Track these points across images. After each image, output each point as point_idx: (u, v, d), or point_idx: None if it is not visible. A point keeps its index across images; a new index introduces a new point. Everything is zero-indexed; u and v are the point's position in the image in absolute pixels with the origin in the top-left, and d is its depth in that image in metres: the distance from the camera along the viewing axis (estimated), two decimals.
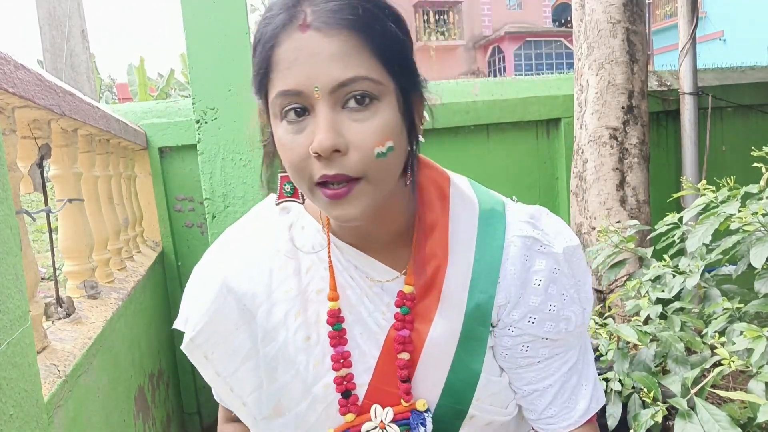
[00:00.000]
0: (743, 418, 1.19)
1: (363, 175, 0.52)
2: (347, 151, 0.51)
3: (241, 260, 0.64)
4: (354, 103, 0.51)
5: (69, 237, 1.46)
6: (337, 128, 0.50)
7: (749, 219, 1.19)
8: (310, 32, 0.50)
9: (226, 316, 0.62)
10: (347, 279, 0.62)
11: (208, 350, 0.63)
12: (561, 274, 0.60)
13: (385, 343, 0.60)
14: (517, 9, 20.43)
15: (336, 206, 0.53)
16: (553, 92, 2.84)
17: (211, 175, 2.32)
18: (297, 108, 0.52)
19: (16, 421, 0.74)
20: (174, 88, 10.02)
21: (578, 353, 0.64)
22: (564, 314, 0.60)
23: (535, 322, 0.60)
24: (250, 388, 0.63)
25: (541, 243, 0.60)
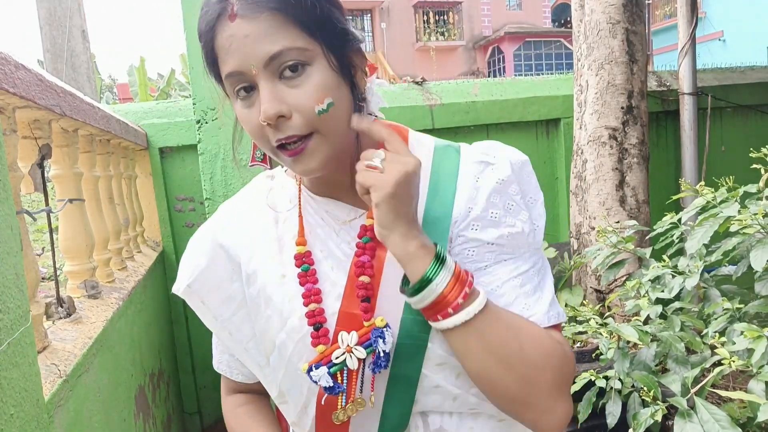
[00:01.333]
0: (743, 417, 1.19)
1: (312, 131, 0.59)
2: (291, 115, 0.58)
3: (228, 218, 0.73)
4: (288, 72, 0.58)
5: (69, 237, 1.47)
6: (279, 97, 0.57)
7: (749, 221, 1.20)
8: (237, 20, 0.57)
9: (218, 266, 0.70)
10: (318, 221, 0.69)
11: (204, 296, 0.70)
12: (505, 184, 0.65)
13: (350, 269, 0.65)
14: (516, 9, 20.44)
15: (297, 162, 0.60)
16: (553, 92, 2.84)
17: (211, 175, 2.33)
18: (245, 86, 0.59)
19: (16, 420, 0.74)
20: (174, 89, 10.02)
21: (530, 264, 0.65)
22: (507, 221, 0.64)
23: (477, 229, 0.64)
24: (248, 333, 0.70)
25: (490, 163, 0.66)
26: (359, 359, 0.62)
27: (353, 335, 0.62)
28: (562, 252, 2.25)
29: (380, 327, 0.62)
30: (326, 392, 0.62)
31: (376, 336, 0.61)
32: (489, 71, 19.62)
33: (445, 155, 0.69)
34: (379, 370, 0.61)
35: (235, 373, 0.77)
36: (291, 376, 0.66)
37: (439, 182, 0.66)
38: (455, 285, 0.57)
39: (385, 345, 0.61)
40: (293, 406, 0.68)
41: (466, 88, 2.81)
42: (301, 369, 0.63)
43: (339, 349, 0.62)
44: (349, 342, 0.62)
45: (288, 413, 0.70)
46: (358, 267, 0.64)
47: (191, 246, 0.73)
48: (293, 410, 0.68)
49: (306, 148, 0.59)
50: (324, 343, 0.64)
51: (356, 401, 0.63)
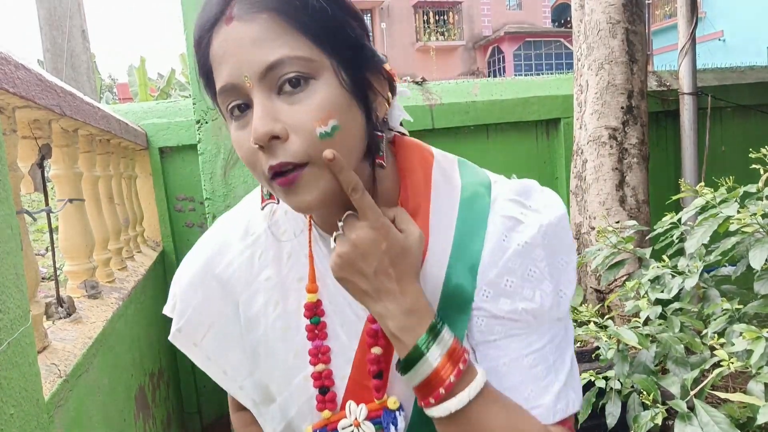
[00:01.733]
0: (743, 419, 1.19)
1: (308, 159, 0.49)
2: (287, 136, 0.48)
3: (224, 247, 0.65)
4: (288, 86, 0.48)
5: (69, 237, 1.47)
6: (273, 114, 0.48)
7: (748, 220, 1.20)
8: (233, 23, 0.49)
9: (211, 303, 0.63)
10: (327, 267, 0.58)
11: (196, 338, 0.64)
12: (529, 248, 0.54)
13: (362, 335, 0.57)
14: (516, 9, 20.44)
15: (289, 194, 0.50)
16: (553, 92, 2.84)
17: (211, 175, 2.33)
18: (239, 103, 0.50)
19: (16, 420, 0.74)
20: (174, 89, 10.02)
21: (547, 338, 0.54)
22: (524, 293, 0.54)
23: (488, 297, 0.54)
24: (244, 372, 0.63)
25: (522, 222, 0.55)
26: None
27: (362, 409, 0.56)
28: None
29: (392, 410, 0.55)
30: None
31: (388, 421, 0.55)
32: (489, 71, 19.62)
33: (473, 206, 0.57)
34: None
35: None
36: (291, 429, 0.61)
37: (464, 240, 0.56)
38: (448, 361, 0.49)
39: (397, 430, 0.55)
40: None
41: (466, 88, 2.81)
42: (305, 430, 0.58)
43: (346, 419, 0.56)
44: (357, 415, 0.56)
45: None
46: (371, 336, 0.56)
47: (182, 278, 0.66)
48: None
49: (300, 176, 0.49)
50: (330, 409, 0.57)
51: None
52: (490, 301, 0.54)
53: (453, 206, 0.58)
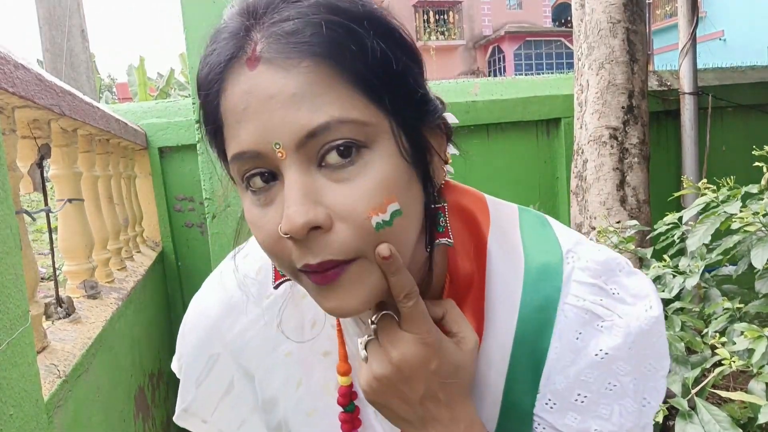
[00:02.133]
0: (743, 418, 1.19)
1: (359, 254, 0.37)
2: (332, 226, 0.37)
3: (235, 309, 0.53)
4: (335, 158, 0.36)
5: (69, 237, 1.46)
6: (314, 196, 0.36)
7: (750, 219, 1.19)
8: (260, 67, 0.36)
9: (221, 373, 0.54)
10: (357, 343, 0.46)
11: (205, 414, 0.56)
12: (612, 360, 0.43)
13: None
14: (517, 9, 20.43)
15: (327, 295, 0.39)
16: (553, 92, 2.84)
17: (211, 175, 2.32)
18: (262, 172, 0.38)
19: (15, 421, 0.74)
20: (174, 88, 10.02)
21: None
22: (600, 411, 0.43)
23: (553, 408, 0.44)
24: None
25: (602, 319, 0.44)
26: None
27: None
28: None
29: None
30: None
31: None
32: (489, 71, 19.62)
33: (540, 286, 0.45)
34: None
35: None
36: None
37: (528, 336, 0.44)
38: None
39: None
40: None
41: (466, 87, 2.80)
42: None
43: None
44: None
45: None
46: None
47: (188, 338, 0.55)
48: None
49: (343, 274, 0.38)
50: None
51: None
52: (554, 414, 0.44)
53: (515, 289, 0.45)
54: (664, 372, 0.46)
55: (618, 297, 0.45)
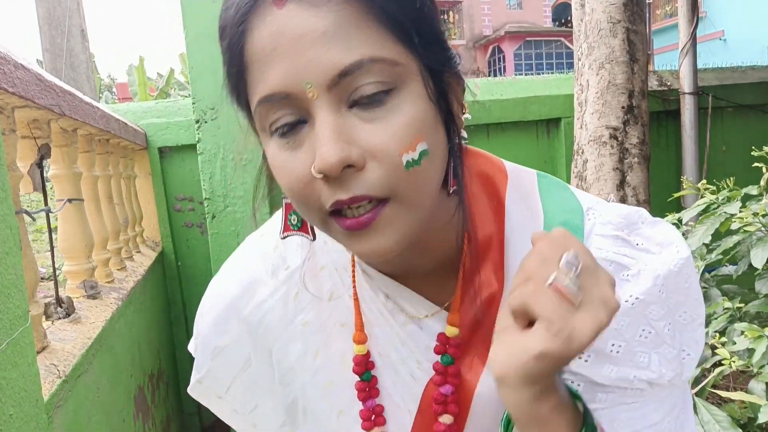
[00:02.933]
0: (743, 418, 1.19)
1: (390, 195, 0.38)
2: (365, 164, 0.37)
3: (252, 284, 0.54)
4: (366, 99, 0.37)
5: (69, 237, 1.46)
6: (347, 135, 0.37)
7: (750, 219, 1.19)
8: (289, 6, 0.36)
9: (238, 350, 0.54)
10: (375, 313, 0.49)
11: (220, 390, 0.55)
12: (643, 304, 0.43)
13: (423, 398, 0.47)
14: (517, 9, 20.44)
15: (359, 240, 0.39)
16: (553, 92, 2.84)
17: (210, 175, 2.32)
18: (289, 119, 0.38)
19: (15, 421, 0.74)
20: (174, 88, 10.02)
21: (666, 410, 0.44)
22: (638, 360, 0.43)
23: (588, 362, 0.43)
24: (276, 423, 0.55)
25: (628, 268, 0.44)
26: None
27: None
28: None
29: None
30: None
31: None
32: (489, 71, 19.62)
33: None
34: None
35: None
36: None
37: None
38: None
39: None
40: None
41: None
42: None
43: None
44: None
45: None
46: (439, 403, 0.46)
47: (205, 317, 0.56)
48: None
49: (377, 218, 0.38)
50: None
51: None
52: (590, 368, 0.43)
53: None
54: (701, 320, 0.45)
55: (642, 248, 0.45)
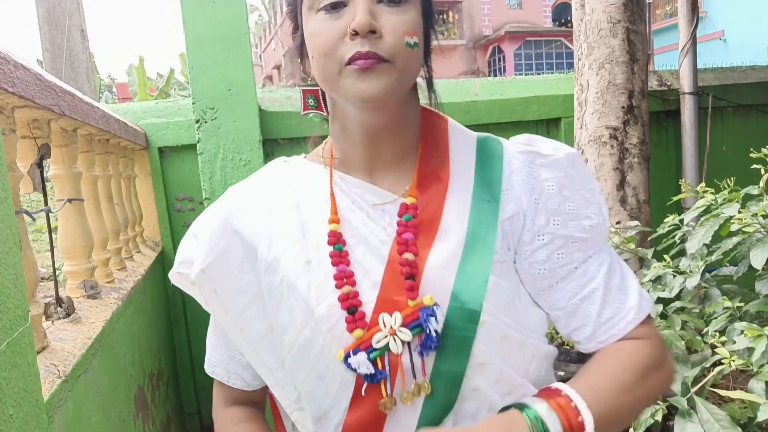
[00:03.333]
0: (743, 417, 1.19)
1: (392, 59, 0.57)
2: (381, 35, 0.56)
3: (241, 202, 0.67)
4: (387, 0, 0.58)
5: (69, 237, 1.46)
6: (375, 15, 0.56)
7: (749, 220, 1.19)
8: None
9: (232, 253, 0.63)
10: (348, 205, 0.64)
11: (217, 285, 0.63)
12: (570, 178, 0.64)
13: (390, 253, 0.61)
14: (517, 9, 20.44)
15: (364, 78, 0.56)
16: (553, 92, 2.84)
17: (210, 175, 2.32)
18: (336, 1, 0.57)
19: (15, 421, 0.74)
20: (174, 88, 10.03)
21: (610, 255, 0.65)
22: (584, 213, 0.63)
23: (559, 224, 0.62)
24: (261, 332, 0.63)
25: (542, 155, 0.64)
26: (404, 342, 0.57)
27: (396, 316, 0.57)
28: None
29: (430, 305, 0.57)
30: (365, 381, 0.58)
31: (427, 314, 0.56)
32: (489, 71, 19.61)
33: (488, 144, 0.67)
34: (428, 352, 0.57)
35: (233, 378, 0.71)
36: (318, 372, 0.60)
37: (485, 169, 0.64)
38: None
39: (437, 324, 0.56)
40: (312, 411, 0.61)
41: (466, 87, 2.80)
42: (337, 356, 0.58)
43: (380, 332, 0.57)
44: (392, 324, 0.57)
45: (304, 422, 0.63)
46: (401, 245, 0.60)
47: (201, 228, 0.66)
48: (310, 417, 0.61)
49: (379, 66, 0.56)
50: (362, 327, 0.58)
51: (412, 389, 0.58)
52: (563, 227, 0.62)
53: (471, 148, 0.67)
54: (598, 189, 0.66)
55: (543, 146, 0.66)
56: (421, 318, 0.57)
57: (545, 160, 0.64)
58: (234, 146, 2.32)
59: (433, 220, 0.62)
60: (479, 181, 0.63)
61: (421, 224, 0.61)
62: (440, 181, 0.64)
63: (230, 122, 2.31)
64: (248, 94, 2.30)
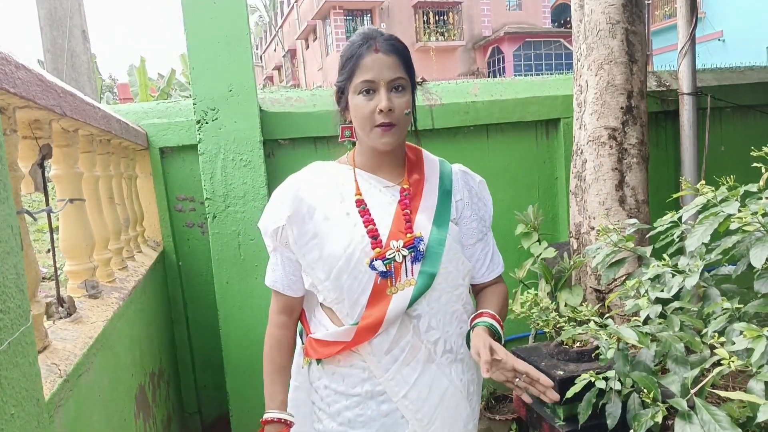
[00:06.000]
0: (743, 418, 1.19)
1: (398, 123, 1.06)
2: (395, 111, 1.05)
3: (304, 182, 1.13)
4: (396, 90, 1.06)
5: (70, 237, 1.47)
6: (391, 100, 1.04)
7: (749, 219, 1.20)
8: (380, 53, 1.05)
9: (301, 210, 1.09)
10: (366, 186, 1.13)
11: (295, 225, 1.09)
12: (479, 192, 1.21)
13: (396, 210, 1.11)
14: (516, 9, 20.44)
15: (386, 135, 1.06)
16: (553, 93, 2.84)
17: (211, 175, 2.33)
18: (370, 89, 1.05)
19: (17, 420, 0.74)
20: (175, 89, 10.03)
21: (492, 239, 1.23)
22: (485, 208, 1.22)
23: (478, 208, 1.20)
24: (315, 257, 1.09)
25: (470, 175, 1.22)
26: (404, 256, 1.07)
27: (400, 242, 1.07)
28: (562, 252, 2.25)
29: (419, 236, 1.08)
30: (380, 277, 1.06)
31: (418, 241, 1.08)
32: (489, 71, 19.61)
33: (444, 164, 1.21)
34: (416, 262, 1.08)
35: (287, 289, 1.14)
36: (354, 273, 1.06)
37: (444, 175, 1.18)
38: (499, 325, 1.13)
39: (423, 245, 1.08)
40: (349, 299, 1.07)
41: (466, 88, 2.81)
42: (365, 263, 1.06)
43: (390, 250, 1.07)
44: (398, 246, 1.07)
45: (342, 308, 1.08)
46: (403, 205, 1.11)
47: (281, 197, 1.12)
48: (348, 303, 1.07)
49: (393, 129, 1.05)
50: (379, 247, 1.07)
51: (404, 282, 1.07)
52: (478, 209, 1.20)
53: (435, 165, 1.20)
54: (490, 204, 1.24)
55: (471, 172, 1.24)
56: (415, 242, 1.08)
57: (471, 177, 1.21)
58: (235, 147, 2.32)
59: (417, 197, 1.13)
60: (441, 181, 1.16)
61: (412, 198, 1.13)
62: (420, 178, 1.15)
63: (231, 123, 2.31)
64: (249, 95, 2.30)
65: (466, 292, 1.17)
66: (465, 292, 1.17)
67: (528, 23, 19.84)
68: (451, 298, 1.12)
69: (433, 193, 1.14)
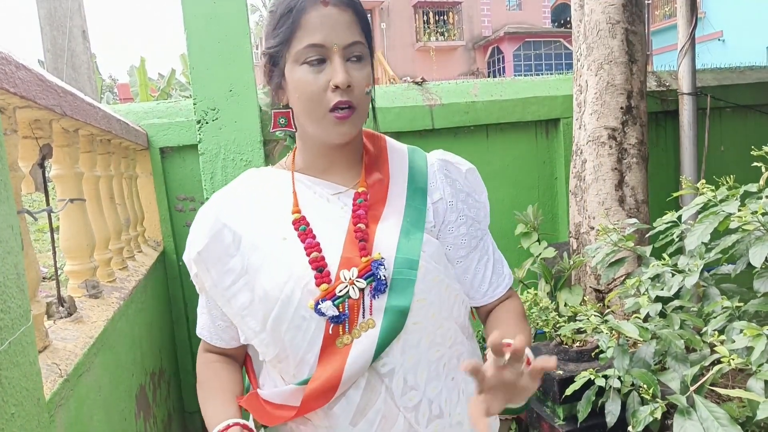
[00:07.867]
0: (742, 416, 1.20)
1: (357, 106, 0.76)
2: (353, 88, 0.75)
3: (226, 200, 0.85)
4: (354, 59, 0.76)
5: (70, 236, 1.47)
6: (349, 73, 0.75)
7: (748, 218, 1.20)
8: (330, 7, 0.74)
9: (221, 240, 0.80)
10: (310, 195, 0.83)
11: (210, 265, 0.80)
12: (467, 185, 0.88)
13: (348, 226, 0.79)
14: (516, 9, 20.43)
15: (343, 124, 0.76)
16: (552, 93, 2.84)
17: (212, 175, 2.33)
18: (318, 57, 0.75)
19: (17, 420, 0.75)
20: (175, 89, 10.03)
21: (491, 243, 0.91)
22: (478, 205, 0.89)
23: (467, 206, 0.87)
24: (245, 302, 0.79)
25: (453, 164, 0.89)
26: (360, 289, 0.76)
27: (353, 270, 0.76)
28: (562, 252, 2.25)
29: (378, 259, 0.76)
30: (332, 323, 0.75)
31: (377, 265, 0.76)
32: (489, 71, 19.61)
33: (416, 154, 0.89)
34: (379, 294, 0.76)
35: (215, 339, 0.88)
36: (295, 321, 0.76)
37: (415, 169, 0.86)
38: None
39: (386, 271, 0.76)
40: (293, 356, 0.77)
41: (466, 88, 2.81)
42: (308, 306, 0.75)
43: (342, 284, 0.75)
44: (350, 276, 0.76)
45: (287, 368, 0.79)
46: (356, 218, 0.80)
47: (197, 223, 0.84)
48: (293, 361, 0.77)
49: (351, 116, 0.76)
50: (326, 282, 0.75)
51: (361, 324, 0.76)
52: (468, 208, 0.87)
53: (404, 156, 0.88)
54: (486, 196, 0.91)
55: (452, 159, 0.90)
56: (373, 268, 0.75)
57: (454, 168, 0.88)
58: (235, 146, 2.33)
59: (379, 203, 0.82)
60: (411, 177, 0.85)
61: (370, 206, 0.81)
62: (383, 178, 0.85)
63: (231, 123, 2.32)
64: (249, 95, 2.30)
65: (457, 328, 0.84)
66: (455, 329, 0.83)
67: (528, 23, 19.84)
68: (434, 340, 0.79)
69: (400, 194, 0.82)
